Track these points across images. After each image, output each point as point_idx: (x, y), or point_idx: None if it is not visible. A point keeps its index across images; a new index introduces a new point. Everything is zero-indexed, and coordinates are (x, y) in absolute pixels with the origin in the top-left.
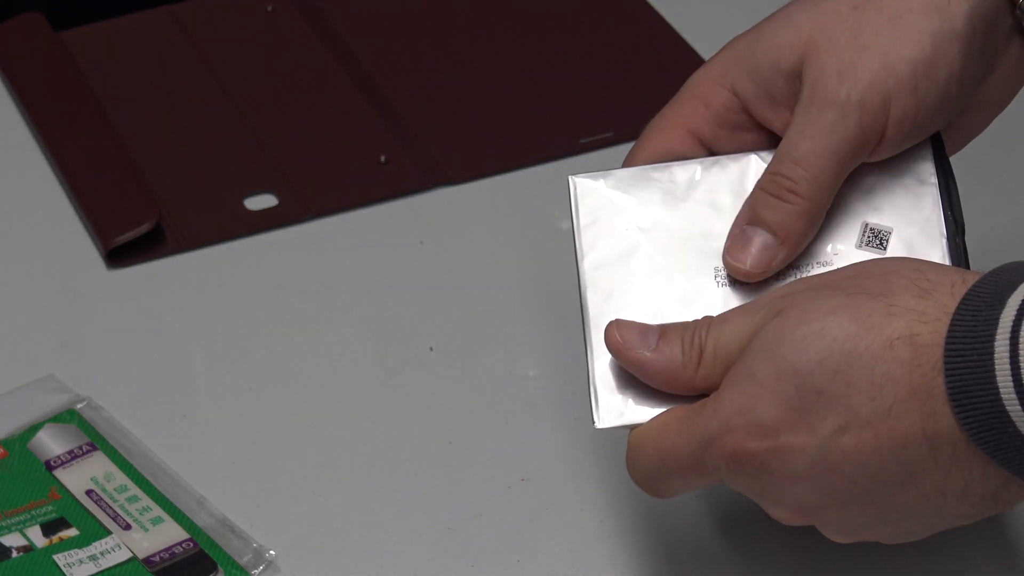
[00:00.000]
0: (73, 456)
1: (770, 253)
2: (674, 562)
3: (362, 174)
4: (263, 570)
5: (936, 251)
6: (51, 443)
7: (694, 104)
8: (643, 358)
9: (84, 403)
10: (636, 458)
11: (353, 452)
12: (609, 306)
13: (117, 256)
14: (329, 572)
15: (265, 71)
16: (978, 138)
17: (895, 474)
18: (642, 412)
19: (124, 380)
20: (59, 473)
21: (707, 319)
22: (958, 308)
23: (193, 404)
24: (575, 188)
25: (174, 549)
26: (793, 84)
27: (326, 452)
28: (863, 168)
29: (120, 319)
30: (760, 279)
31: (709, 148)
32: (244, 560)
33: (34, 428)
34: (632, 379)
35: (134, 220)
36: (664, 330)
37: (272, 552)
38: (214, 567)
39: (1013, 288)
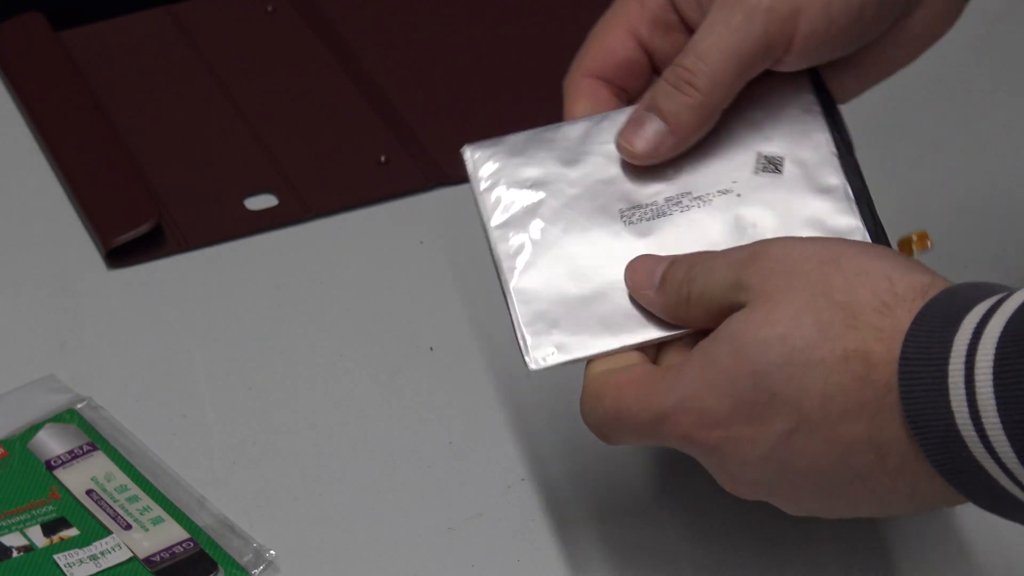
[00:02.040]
0: (73, 456)
1: (659, 139)
2: (674, 562)
3: (362, 174)
4: (263, 570)
5: (830, 169)
6: (51, 443)
7: (633, 4)
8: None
9: (84, 403)
10: (592, 407)
11: (353, 452)
12: (521, 257)
13: (117, 256)
14: (329, 572)
15: (265, 71)
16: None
17: (843, 475)
18: (572, 351)
19: (124, 380)
20: (59, 473)
21: (692, 262)
22: (911, 327)
23: (193, 404)
24: (471, 156)
25: (174, 549)
26: None
27: (326, 452)
28: (747, 103)
29: (120, 319)
30: (649, 163)
31: (647, 49)
32: (244, 560)
33: (34, 428)
34: (557, 320)
35: (134, 220)
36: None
37: (272, 552)
38: (214, 567)
39: (968, 309)
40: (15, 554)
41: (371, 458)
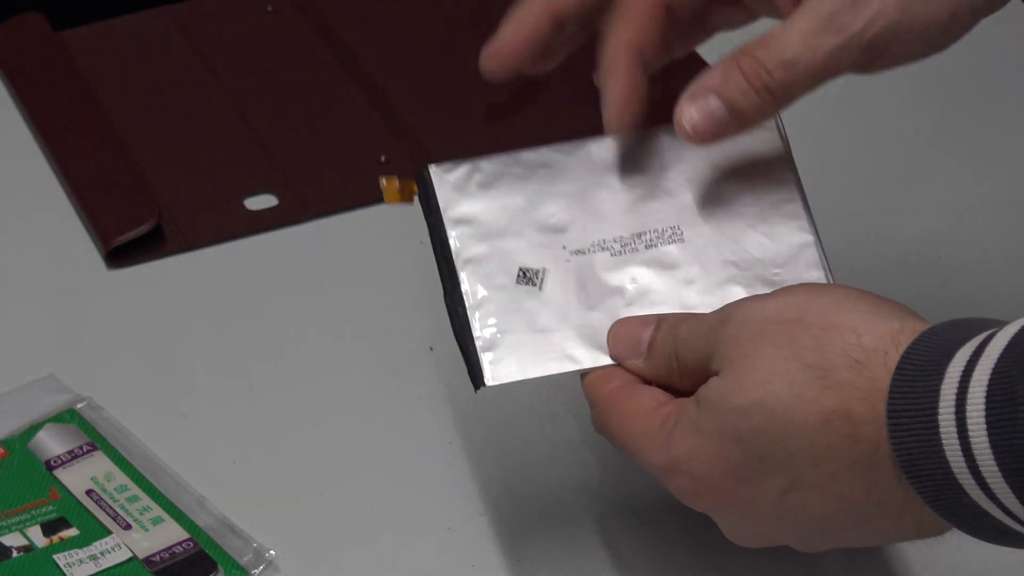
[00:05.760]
0: (73, 456)
1: (722, 127)
2: (675, 562)
3: (362, 174)
4: (263, 570)
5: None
6: (51, 443)
7: None
8: (636, 367)
9: (84, 403)
10: (602, 423)
11: (353, 452)
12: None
13: (117, 256)
14: (329, 572)
15: (265, 71)
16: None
17: (846, 522)
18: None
19: (124, 380)
20: (59, 473)
21: (675, 333)
22: (894, 380)
23: (193, 404)
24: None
25: (174, 549)
26: None
27: (326, 452)
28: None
29: (120, 319)
30: (700, 144)
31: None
32: (244, 560)
33: (34, 428)
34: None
35: (134, 220)
36: (650, 345)
37: (272, 552)
38: (214, 567)
39: (950, 354)
40: (15, 554)
41: (371, 458)
